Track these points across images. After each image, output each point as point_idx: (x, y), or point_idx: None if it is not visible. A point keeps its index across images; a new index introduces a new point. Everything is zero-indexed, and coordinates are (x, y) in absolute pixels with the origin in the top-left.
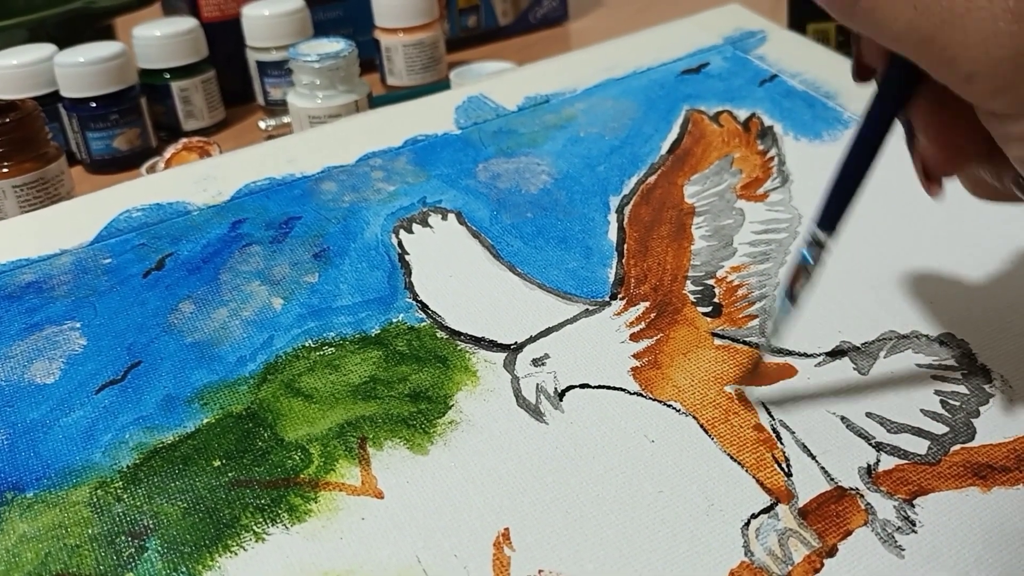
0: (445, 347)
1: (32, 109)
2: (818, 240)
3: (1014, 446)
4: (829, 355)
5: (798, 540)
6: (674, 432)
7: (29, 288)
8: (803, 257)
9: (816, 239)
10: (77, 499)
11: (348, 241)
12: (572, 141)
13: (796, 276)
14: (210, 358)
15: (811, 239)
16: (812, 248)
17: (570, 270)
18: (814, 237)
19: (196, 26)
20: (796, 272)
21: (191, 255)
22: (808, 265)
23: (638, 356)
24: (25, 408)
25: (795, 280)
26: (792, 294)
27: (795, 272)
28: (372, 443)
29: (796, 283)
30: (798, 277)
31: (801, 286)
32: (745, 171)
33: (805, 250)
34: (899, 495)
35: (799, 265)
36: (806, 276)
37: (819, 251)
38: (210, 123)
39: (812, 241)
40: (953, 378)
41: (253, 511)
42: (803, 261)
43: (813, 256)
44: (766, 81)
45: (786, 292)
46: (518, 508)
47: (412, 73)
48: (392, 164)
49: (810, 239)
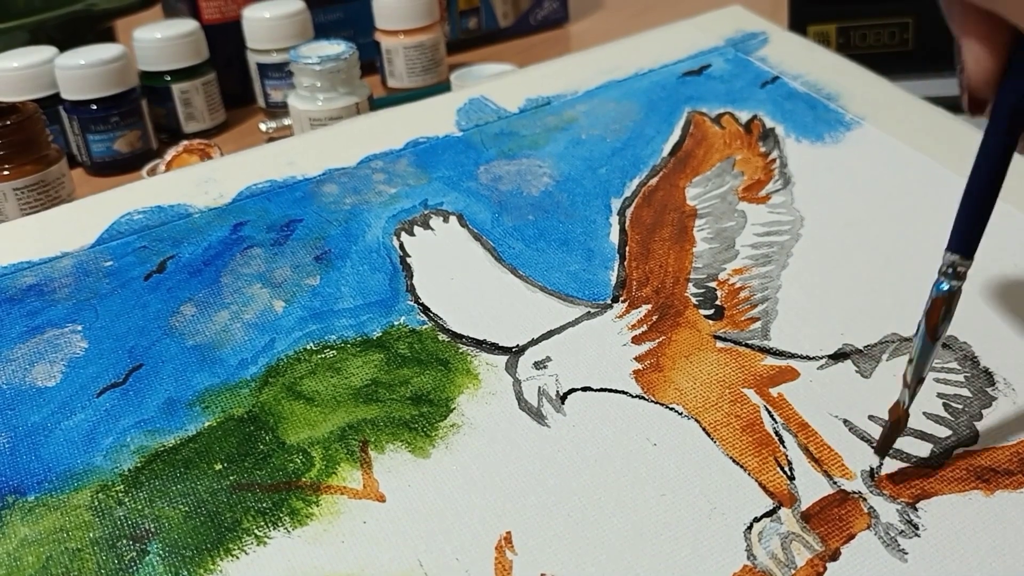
0: (447, 350)
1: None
2: (956, 270)
3: (1017, 449)
4: (831, 358)
5: (801, 544)
6: (676, 435)
7: (30, 291)
8: (939, 289)
9: (955, 269)
10: (78, 502)
11: (349, 243)
12: (574, 143)
13: (935, 310)
14: (211, 361)
15: (948, 269)
16: (950, 279)
17: (572, 272)
18: (952, 267)
19: (197, 28)
20: (934, 306)
21: (192, 258)
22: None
23: (640, 359)
24: (26, 411)
25: (935, 315)
26: (934, 332)
27: (933, 306)
28: (374, 446)
29: (935, 318)
30: (937, 311)
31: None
32: (747, 173)
33: (943, 282)
34: (902, 498)
35: (938, 298)
36: (947, 310)
37: (958, 282)
38: (211, 125)
39: (950, 272)
40: (956, 381)
41: (255, 514)
42: (941, 293)
43: (952, 287)
44: (768, 83)
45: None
46: (520, 511)
47: (413, 75)
48: (393, 166)
49: (947, 269)
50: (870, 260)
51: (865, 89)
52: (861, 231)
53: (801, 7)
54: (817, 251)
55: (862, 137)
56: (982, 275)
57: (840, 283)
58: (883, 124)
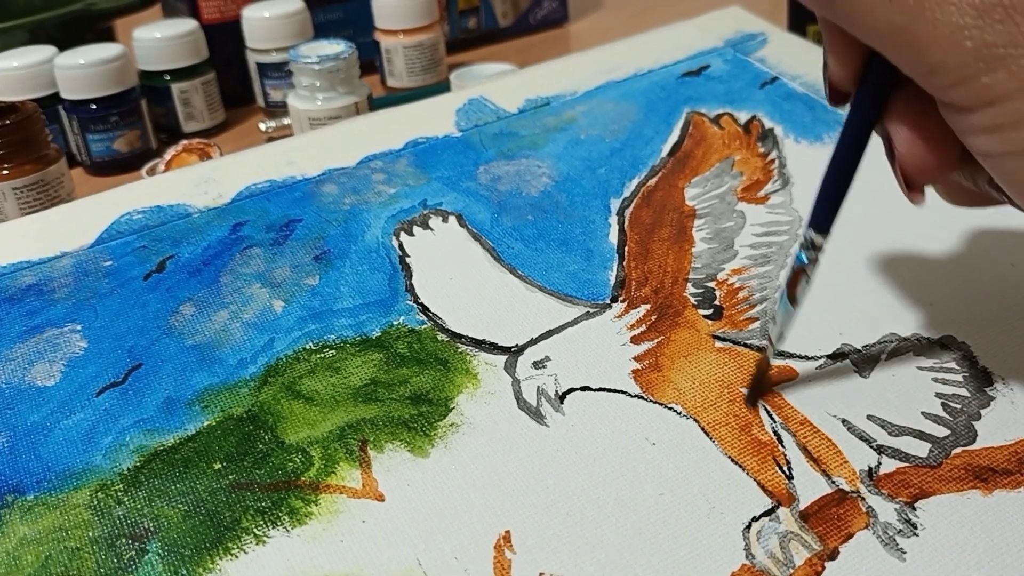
0: (446, 350)
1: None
2: (813, 242)
3: (1015, 449)
4: (830, 358)
5: (799, 543)
6: (675, 435)
7: (30, 290)
8: (799, 259)
9: (811, 241)
10: (78, 502)
11: (349, 243)
12: (573, 143)
13: (795, 279)
14: (211, 361)
15: (806, 241)
16: (808, 250)
17: (571, 272)
18: (809, 239)
19: (196, 28)
20: (795, 275)
21: (192, 257)
22: (805, 267)
23: (639, 359)
24: (26, 411)
25: (794, 283)
26: (793, 297)
27: (793, 275)
28: (373, 446)
29: (795, 286)
30: (797, 280)
31: (801, 288)
32: (746, 173)
33: (801, 252)
34: (900, 498)
35: (796, 267)
36: (805, 278)
37: (814, 253)
38: (210, 125)
39: (807, 244)
40: (954, 381)
41: (254, 514)
42: (800, 263)
43: (809, 258)
44: (767, 83)
45: (787, 295)
46: (519, 511)
47: (412, 75)
48: (393, 166)
49: (805, 241)
50: (868, 261)
51: None
52: (859, 232)
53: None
54: None
55: None
56: (981, 275)
57: (838, 283)
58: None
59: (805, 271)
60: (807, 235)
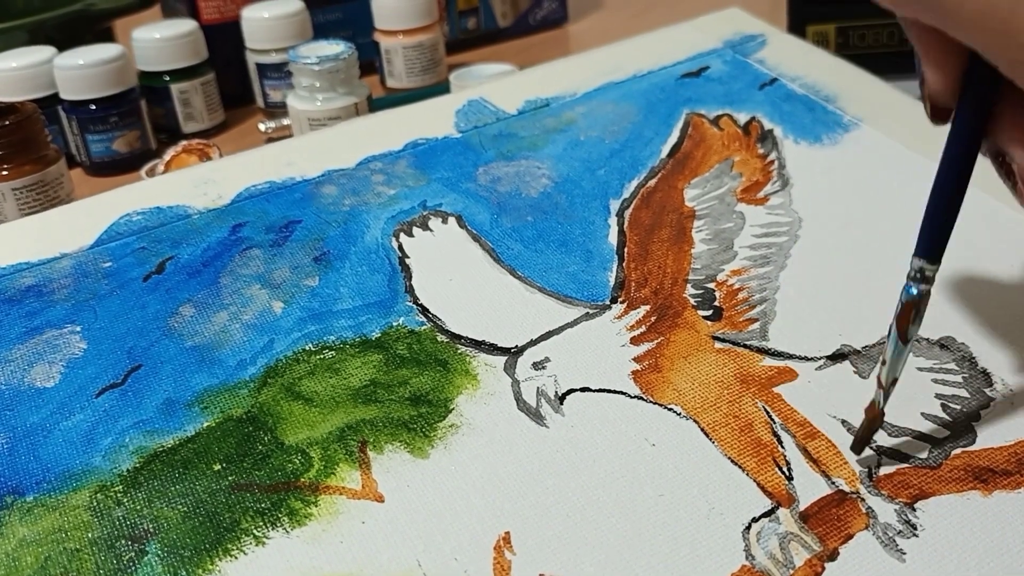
0: (445, 351)
1: (32, 111)
2: (923, 273)
3: (1015, 449)
4: (830, 358)
5: (799, 544)
6: (675, 436)
7: (29, 292)
8: (908, 293)
9: (922, 273)
10: (77, 503)
11: (348, 244)
12: (572, 145)
13: (905, 314)
14: (210, 362)
15: (915, 273)
16: (918, 283)
17: (570, 273)
18: (919, 271)
19: (195, 28)
20: (905, 309)
21: (191, 259)
22: (916, 300)
23: (639, 359)
24: (25, 412)
25: (905, 319)
26: (904, 334)
27: (903, 310)
28: (372, 447)
29: (906, 321)
30: (908, 314)
31: (913, 325)
32: (745, 175)
33: (911, 285)
34: (900, 499)
35: (907, 302)
36: (915, 313)
37: (926, 285)
38: (210, 125)
39: (917, 276)
40: (954, 382)
41: (253, 515)
42: (910, 297)
43: (920, 291)
44: (766, 85)
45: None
46: (519, 512)
47: (412, 75)
48: (392, 167)
49: (913, 273)
50: (868, 261)
51: (863, 91)
52: (859, 232)
53: (800, 7)
54: (815, 252)
55: (860, 138)
56: (979, 276)
57: (838, 284)
58: (881, 125)
59: (916, 305)
60: (915, 266)
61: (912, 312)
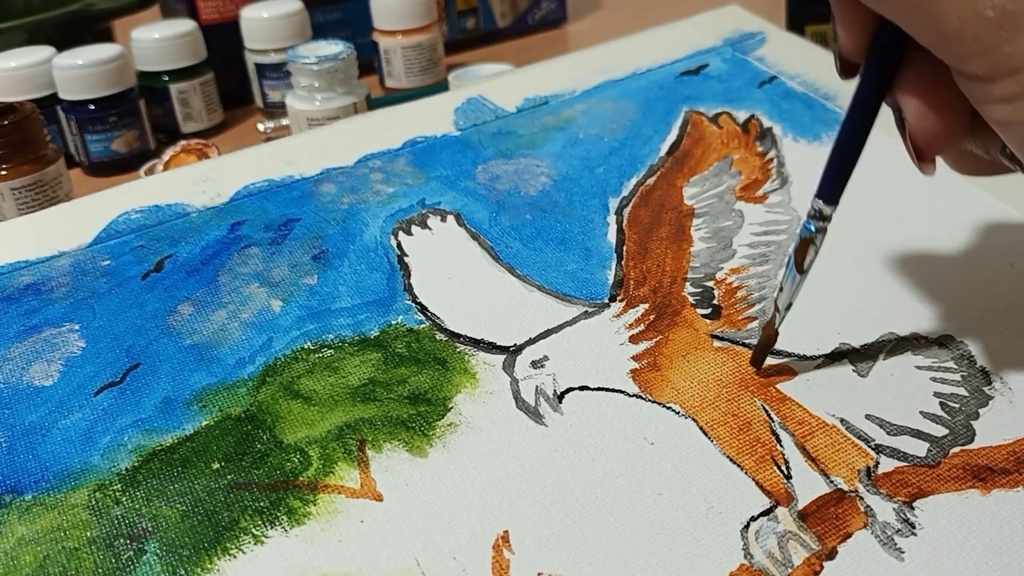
0: (444, 349)
1: (31, 111)
2: (821, 213)
3: (1013, 448)
4: (828, 357)
5: (797, 543)
6: (673, 434)
7: (28, 290)
8: (807, 229)
9: (819, 212)
10: (75, 502)
11: (347, 243)
12: (571, 143)
13: (803, 248)
14: (209, 360)
15: (813, 212)
16: (816, 220)
17: (569, 272)
18: (817, 210)
19: (195, 28)
20: (802, 244)
21: (190, 257)
22: (813, 236)
23: (637, 358)
24: (23, 410)
25: (802, 252)
26: (800, 265)
27: (801, 244)
28: (371, 445)
29: (803, 255)
30: (805, 249)
31: (808, 258)
32: (744, 173)
33: (809, 223)
34: (899, 497)
35: (804, 237)
36: (812, 248)
37: (822, 223)
38: (209, 125)
39: (815, 214)
40: (952, 380)
41: (252, 514)
42: (808, 233)
43: (817, 228)
44: (765, 83)
45: (793, 263)
46: (517, 510)
47: (411, 75)
48: (391, 166)
49: (812, 211)
50: (867, 259)
51: None
52: (858, 231)
53: (799, 6)
54: None
55: None
56: (978, 275)
57: (837, 283)
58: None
59: (813, 241)
60: (815, 205)
61: (808, 246)
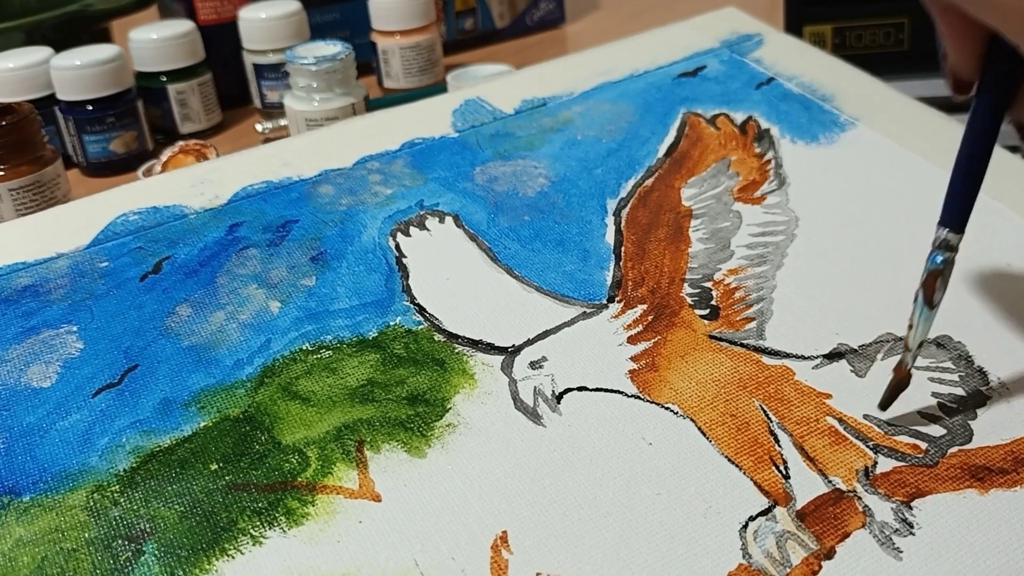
0: (442, 350)
1: (28, 112)
2: (948, 243)
3: (1011, 448)
4: (826, 357)
5: (796, 542)
6: (672, 434)
7: (25, 291)
8: (934, 261)
9: (946, 242)
10: (74, 503)
11: (345, 244)
12: (569, 144)
13: (931, 282)
14: (207, 361)
15: (939, 242)
16: (943, 252)
17: (567, 273)
18: (943, 240)
19: (193, 29)
20: (930, 278)
21: (188, 258)
22: (941, 269)
23: (636, 359)
24: (21, 412)
25: (931, 286)
26: (930, 300)
27: (929, 278)
28: (369, 446)
29: (932, 289)
30: (933, 282)
31: (938, 291)
32: (742, 174)
33: (936, 254)
34: (897, 497)
35: (932, 270)
36: (941, 280)
37: (950, 253)
38: (207, 126)
39: (941, 245)
40: (950, 380)
41: (250, 514)
42: (935, 265)
43: (945, 260)
44: (763, 84)
45: (923, 299)
46: (516, 511)
47: (409, 76)
48: (389, 167)
49: (938, 242)
50: (865, 260)
51: (859, 90)
52: (856, 231)
53: (797, 7)
54: (812, 251)
55: (856, 138)
56: (976, 275)
57: (835, 283)
58: (877, 125)
59: (941, 273)
60: (940, 235)
61: (937, 279)
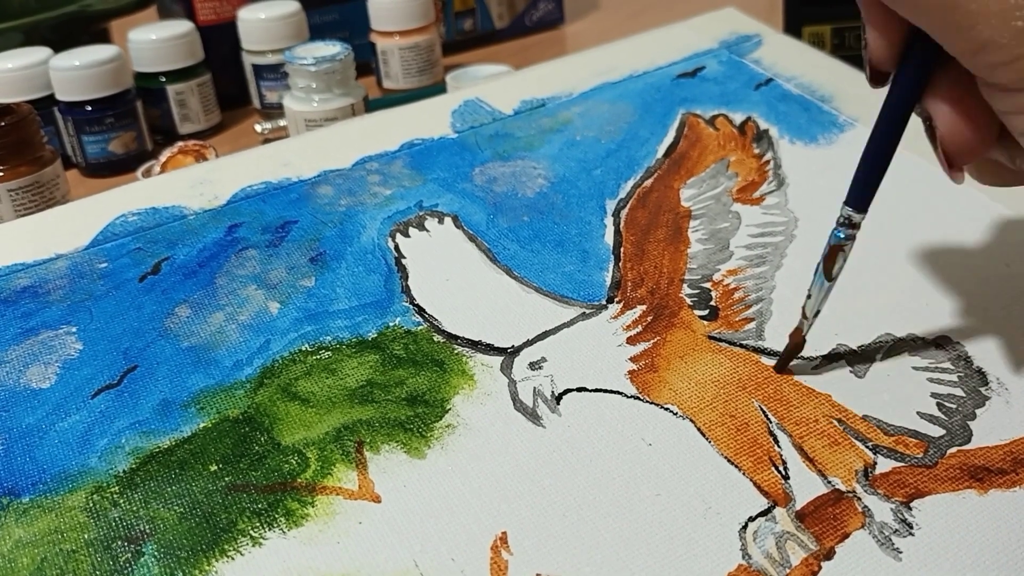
0: (442, 351)
1: (27, 113)
2: (850, 220)
3: (1010, 448)
4: (826, 358)
5: (795, 543)
6: (671, 435)
7: (25, 292)
8: (836, 236)
9: (848, 219)
10: (73, 504)
11: (344, 245)
12: (568, 145)
13: (831, 256)
14: (206, 362)
15: (843, 219)
16: (845, 228)
17: (567, 273)
18: (846, 217)
19: (192, 29)
20: (831, 252)
21: (187, 259)
22: (842, 244)
23: (635, 359)
24: (21, 413)
25: (831, 260)
26: (828, 272)
27: (830, 252)
28: (369, 447)
29: (832, 262)
30: (833, 257)
31: (837, 266)
32: (741, 174)
33: (838, 230)
34: (896, 498)
35: (833, 245)
36: (841, 255)
37: (852, 230)
38: (206, 126)
39: (844, 222)
40: (949, 381)
41: (250, 515)
42: (836, 240)
43: (846, 235)
44: (762, 85)
45: (822, 270)
46: (515, 512)
47: (408, 76)
48: (388, 168)
49: (842, 219)
50: (863, 261)
51: (858, 91)
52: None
53: (796, 8)
54: (811, 252)
55: (856, 138)
56: (976, 276)
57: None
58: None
59: (842, 249)
60: (844, 213)
61: (838, 254)
